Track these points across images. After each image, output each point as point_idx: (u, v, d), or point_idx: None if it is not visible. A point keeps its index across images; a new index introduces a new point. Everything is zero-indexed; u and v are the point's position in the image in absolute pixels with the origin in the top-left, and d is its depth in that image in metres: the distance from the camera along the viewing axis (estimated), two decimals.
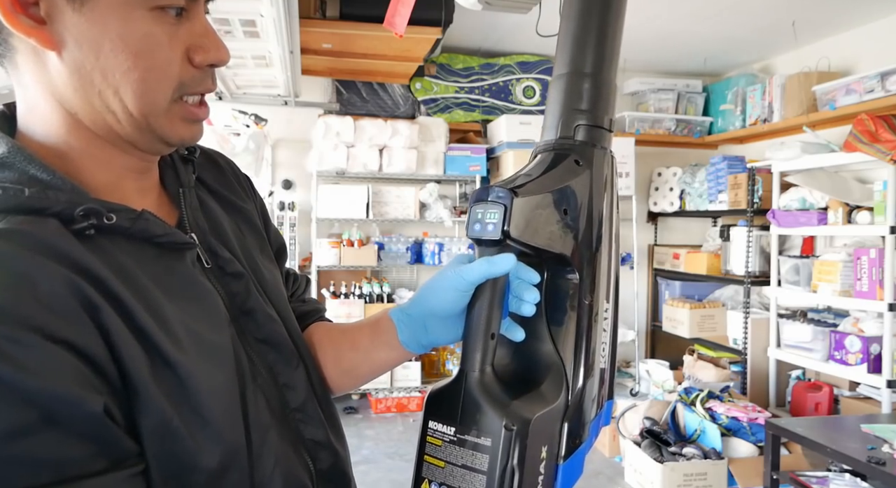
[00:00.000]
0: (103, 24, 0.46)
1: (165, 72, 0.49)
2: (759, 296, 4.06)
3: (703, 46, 4.15)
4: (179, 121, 0.52)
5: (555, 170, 0.62)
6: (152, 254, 0.51)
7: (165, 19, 0.48)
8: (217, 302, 0.55)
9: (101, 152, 0.52)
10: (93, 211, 0.46)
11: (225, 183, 0.67)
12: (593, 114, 0.62)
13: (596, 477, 2.90)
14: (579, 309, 0.61)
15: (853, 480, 2.27)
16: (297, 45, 2.64)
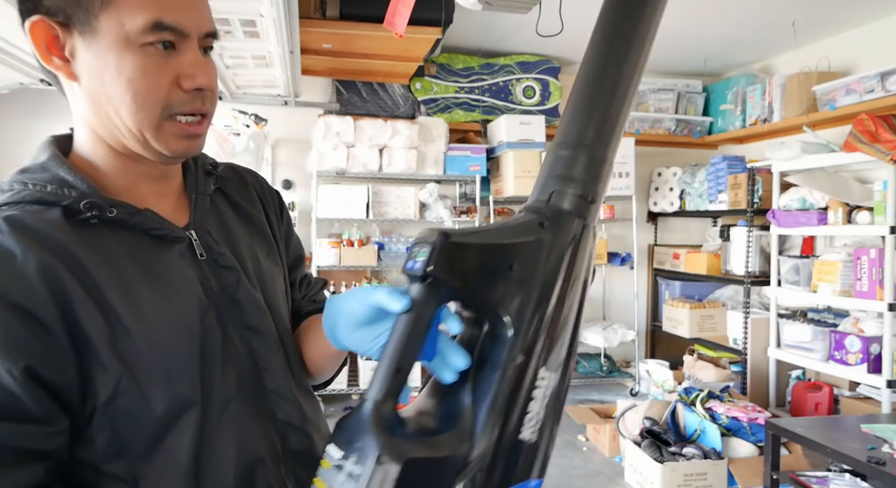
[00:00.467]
0: (105, 58, 0.58)
1: (153, 95, 0.59)
2: (759, 296, 4.06)
3: (703, 46, 4.15)
4: (172, 136, 0.61)
5: (513, 226, 0.61)
6: (149, 244, 0.63)
7: (154, 52, 0.58)
8: (192, 286, 0.64)
9: (119, 162, 0.64)
10: (96, 205, 0.59)
11: (246, 196, 0.78)
12: (575, 182, 0.61)
13: (596, 477, 2.90)
14: (506, 368, 0.57)
15: (853, 480, 2.27)
16: (297, 45, 2.64)
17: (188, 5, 0.60)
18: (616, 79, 0.63)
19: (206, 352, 0.63)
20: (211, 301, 0.65)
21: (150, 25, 0.57)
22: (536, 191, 0.64)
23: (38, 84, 3.09)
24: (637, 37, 0.64)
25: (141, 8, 0.57)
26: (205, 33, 0.62)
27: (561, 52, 4.30)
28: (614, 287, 4.81)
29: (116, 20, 0.57)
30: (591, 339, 4.27)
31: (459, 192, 4.46)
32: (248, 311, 0.68)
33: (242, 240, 0.73)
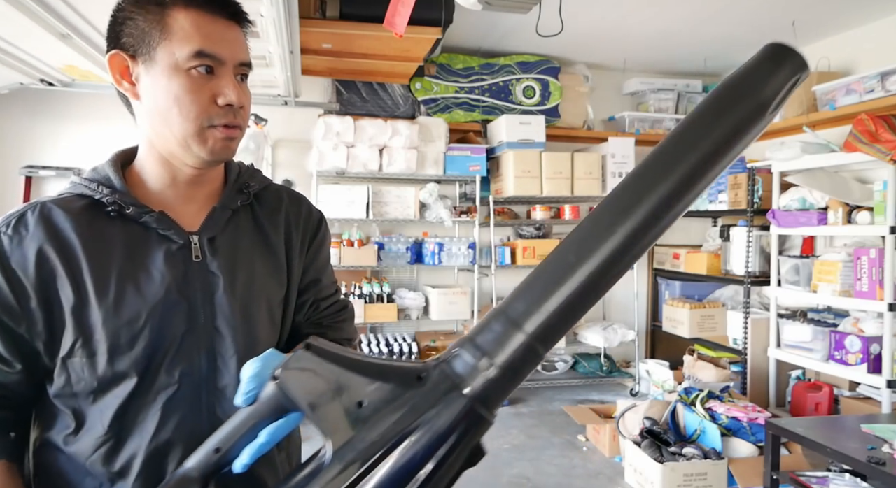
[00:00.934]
0: (159, 81, 0.73)
1: (194, 108, 0.74)
2: (759, 296, 4.06)
3: (703, 46, 4.15)
4: (212, 140, 0.76)
5: (392, 366, 0.58)
6: (152, 239, 0.77)
7: (196, 75, 0.73)
8: (169, 281, 0.75)
9: (160, 168, 0.79)
10: (117, 202, 0.75)
11: (272, 218, 0.89)
12: (491, 363, 0.54)
13: (596, 477, 2.90)
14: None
15: (853, 480, 2.27)
16: (297, 45, 2.64)
17: (225, 39, 0.75)
18: (594, 282, 0.57)
19: (158, 339, 0.73)
20: (184, 297, 0.76)
21: (194, 53, 0.72)
22: (452, 346, 0.59)
23: (38, 84, 3.09)
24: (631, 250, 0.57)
25: (188, 40, 0.72)
26: (239, 62, 0.77)
27: (561, 52, 4.30)
28: (614, 287, 4.79)
29: (169, 50, 0.73)
30: (591, 339, 4.27)
31: (459, 192, 4.46)
32: (220, 314, 0.77)
33: (247, 254, 0.83)
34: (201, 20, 0.73)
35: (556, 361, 4.51)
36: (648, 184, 0.56)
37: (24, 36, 2.25)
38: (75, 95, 3.62)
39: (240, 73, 0.78)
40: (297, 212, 0.92)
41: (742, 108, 0.56)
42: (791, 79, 0.56)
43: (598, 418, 3.36)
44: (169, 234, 0.77)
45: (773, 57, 0.57)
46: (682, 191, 0.55)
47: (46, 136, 3.79)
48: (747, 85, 0.57)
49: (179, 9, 0.73)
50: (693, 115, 0.57)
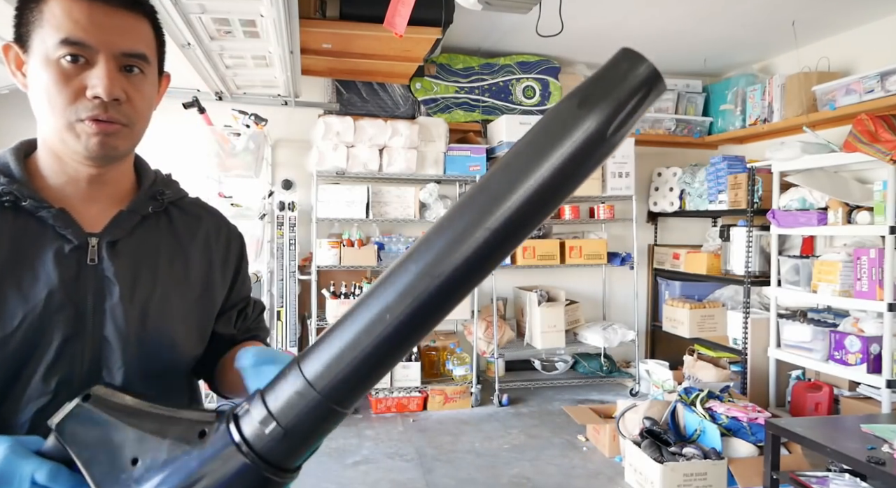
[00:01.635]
0: (34, 72, 0.70)
1: (61, 101, 0.69)
2: (759, 296, 4.06)
3: (703, 46, 4.15)
4: (85, 135, 0.70)
5: (171, 421, 0.56)
6: (49, 236, 0.71)
7: (64, 67, 0.68)
8: (47, 281, 0.69)
9: (55, 164, 0.75)
10: (13, 193, 0.70)
11: (190, 230, 0.85)
12: (277, 426, 0.51)
13: (596, 477, 2.90)
14: None
15: (853, 480, 2.27)
16: (297, 45, 2.64)
17: (102, 26, 0.69)
18: (397, 341, 0.50)
19: (33, 343, 0.68)
20: (71, 301, 0.70)
21: (59, 41, 0.67)
22: (247, 400, 0.54)
23: None
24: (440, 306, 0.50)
25: (57, 28, 0.68)
26: (120, 52, 0.70)
27: (561, 52, 4.30)
28: (614, 287, 4.81)
29: (41, 39, 0.68)
30: (591, 339, 4.27)
31: (459, 192, 4.46)
32: (110, 322, 0.72)
33: (154, 262, 0.78)
34: (75, 6, 0.68)
35: (556, 361, 4.51)
36: (463, 234, 0.48)
37: None
38: None
39: (126, 64, 0.71)
40: (217, 227, 0.89)
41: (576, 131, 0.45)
42: (640, 91, 0.45)
43: (598, 418, 3.36)
44: (66, 233, 0.72)
45: (622, 62, 0.46)
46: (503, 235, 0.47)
47: None
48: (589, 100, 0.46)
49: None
50: (524, 142, 0.48)
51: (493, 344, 4.08)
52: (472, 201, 0.49)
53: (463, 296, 0.51)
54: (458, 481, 2.85)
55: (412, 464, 3.04)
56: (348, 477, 2.88)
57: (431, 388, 3.92)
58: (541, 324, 4.10)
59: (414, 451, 3.21)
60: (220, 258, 0.88)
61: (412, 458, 3.12)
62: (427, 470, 2.96)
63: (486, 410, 3.92)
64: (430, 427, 3.60)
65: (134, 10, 0.72)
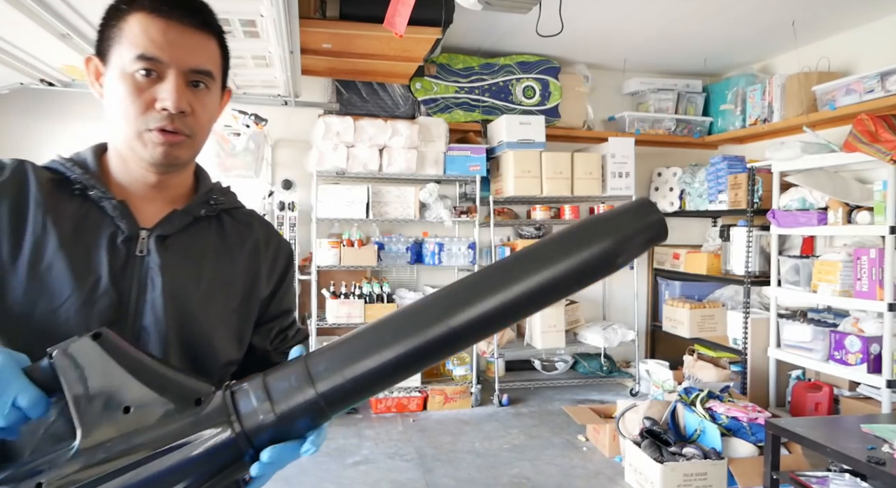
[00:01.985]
0: (111, 85, 0.76)
1: (133, 111, 0.74)
2: (759, 296, 4.06)
3: (703, 46, 4.15)
4: (151, 143, 0.76)
5: (170, 381, 0.58)
6: (106, 224, 0.76)
7: (138, 80, 0.74)
8: (97, 265, 0.74)
9: (121, 166, 0.81)
10: (82, 183, 0.77)
11: (240, 236, 0.88)
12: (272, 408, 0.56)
13: (596, 477, 2.90)
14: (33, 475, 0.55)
15: (853, 480, 2.27)
16: (297, 45, 2.64)
17: (175, 44, 0.74)
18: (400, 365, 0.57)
19: (75, 322, 0.70)
20: (116, 288, 0.74)
21: (136, 57, 0.73)
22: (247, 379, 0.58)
23: (37, 84, 3.09)
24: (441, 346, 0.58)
25: (134, 44, 0.73)
26: (189, 68, 0.76)
27: (561, 52, 4.30)
28: (614, 287, 4.81)
29: (119, 53, 0.74)
30: (591, 339, 4.27)
31: (459, 192, 4.46)
32: (149, 314, 0.75)
33: (201, 262, 0.82)
34: (152, 25, 0.74)
35: (556, 361, 4.51)
36: (487, 288, 0.58)
37: (24, 36, 2.25)
38: (75, 95, 3.62)
39: (193, 79, 0.77)
40: (267, 237, 0.92)
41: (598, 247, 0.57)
42: (647, 238, 0.58)
43: (598, 418, 3.36)
44: (121, 224, 0.76)
45: (639, 212, 0.59)
46: (515, 306, 0.57)
47: (46, 136, 3.79)
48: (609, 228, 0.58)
49: (136, 14, 0.74)
50: (552, 239, 0.60)
51: (493, 344, 4.08)
52: (496, 272, 0.59)
53: (463, 348, 0.59)
54: (458, 481, 2.85)
55: (412, 464, 3.04)
56: (348, 477, 2.88)
57: (431, 388, 3.92)
58: (541, 324, 4.10)
59: (414, 451, 3.21)
60: (267, 267, 0.90)
61: (412, 458, 3.12)
62: (427, 470, 2.96)
63: (486, 410, 3.92)
64: (430, 427, 3.60)
65: (204, 29, 0.78)
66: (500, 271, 0.59)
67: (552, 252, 0.58)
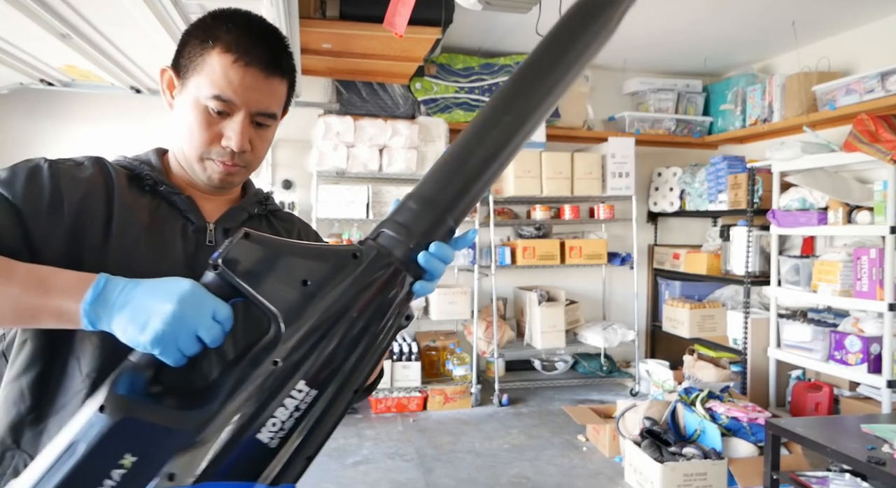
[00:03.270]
0: (183, 105, 0.82)
1: (196, 141, 0.82)
2: (759, 296, 4.06)
3: (703, 46, 4.15)
4: (211, 170, 0.84)
5: (326, 248, 0.66)
6: (177, 217, 0.84)
7: (209, 114, 0.81)
8: (174, 252, 0.81)
9: (182, 170, 0.87)
10: (154, 178, 0.84)
11: (287, 233, 0.98)
12: (412, 235, 0.65)
13: (596, 477, 2.90)
14: (260, 363, 0.60)
15: (853, 480, 2.27)
16: (297, 45, 2.65)
17: (249, 88, 0.80)
18: (491, 157, 0.68)
19: None
20: (190, 275, 0.78)
21: (212, 95, 0.79)
22: (375, 229, 0.68)
23: (37, 84, 3.09)
24: (523, 129, 0.71)
25: (212, 83, 0.79)
26: (256, 111, 0.82)
27: None
28: (614, 287, 4.81)
29: (197, 84, 0.80)
30: (591, 339, 4.27)
31: None
32: None
33: None
34: (231, 67, 0.79)
35: (556, 361, 4.51)
36: (527, 82, 0.71)
37: (24, 36, 2.25)
38: (75, 95, 3.62)
39: (257, 120, 0.83)
40: (307, 232, 1.03)
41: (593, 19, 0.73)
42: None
43: (598, 418, 3.36)
44: (190, 216, 0.84)
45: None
46: (553, 86, 0.71)
47: (46, 136, 3.79)
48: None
49: (218, 51, 0.79)
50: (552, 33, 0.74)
51: (493, 344, 4.08)
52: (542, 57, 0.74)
53: (537, 119, 0.73)
54: (458, 481, 2.85)
55: (412, 464, 3.04)
56: (348, 477, 2.88)
57: (431, 388, 3.92)
58: (541, 324, 4.10)
59: (414, 451, 3.21)
60: None
61: (412, 458, 3.12)
62: (427, 470, 2.96)
63: (486, 410, 3.92)
64: (430, 427, 3.60)
65: (280, 76, 0.84)
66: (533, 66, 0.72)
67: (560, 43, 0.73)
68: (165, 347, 0.61)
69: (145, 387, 0.60)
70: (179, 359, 0.62)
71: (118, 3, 1.86)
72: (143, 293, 0.63)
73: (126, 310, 0.62)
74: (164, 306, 0.61)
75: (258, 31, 0.81)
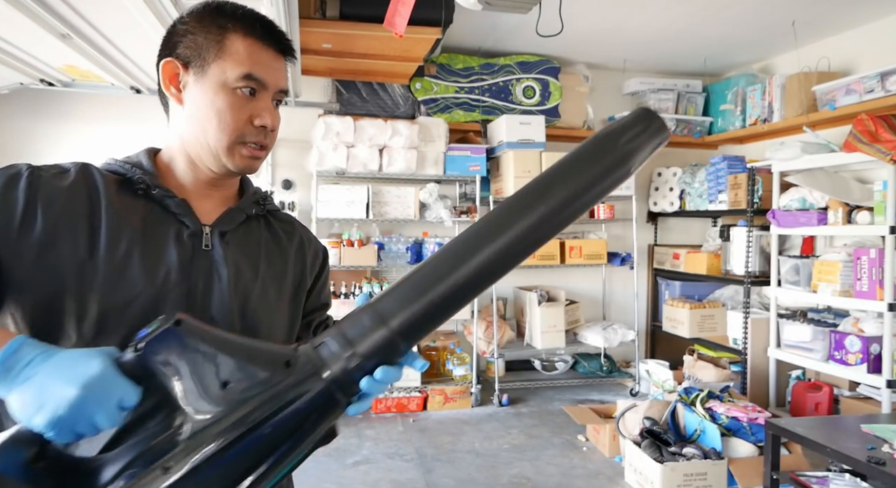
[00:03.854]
0: (205, 94, 0.81)
1: (232, 124, 0.81)
2: (759, 296, 4.06)
3: (703, 46, 4.15)
4: (239, 155, 0.83)
5: (261, 349, 0.62)
6: (171, 221, 0.81)
7: (239, 96, 0.81)
8: (168, 258, 0.78)
9: (185, 166, 0.86)
10: (146, 182, 0.81)
11: (288, 233, 0.96)
12: (348, 343, 0.61)
13: (596, 477, 2.90)
14: (152, 461, 0.56)
15: (853, 480, 2.27)
16: (297, 45, 2.64)
17: (272, 67, 0.83)
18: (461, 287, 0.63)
19: (149, 312, 0.73)
20: (185, 280, 0.78)
21: (243, 75, 0.80)
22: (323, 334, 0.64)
23: (38, 84, 3.09)
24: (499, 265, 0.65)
25: (241, 63, 0.80)
26: (278, 89, 0.84)
27: (561, 52, 4.30)
28: (614, 287, 4.81)
29: (222, 68, 0.80)
30: (591, 339, 4.27)
31: (459, 192, 4.46)
32: (217, 304, 0.80)
33: (255, 256, 0.88)
34: (254, 48, 0.81)
35: (556, 361, 4.51)
36: (522, 209, 0.65)
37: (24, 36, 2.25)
38: (75, 95, 3.62)
39: (277, 98, 0.86)
40: (308, 237, 1.01)
41: (611, 156, 0.67)
42: (654, 140, 0.69)
43: (598, 418, 3.36)
44: (185, 220, 0.82)
45: (642, 119, 0.69)
46: (549, 219, 0.65)
47: (46, 136, 3.79)
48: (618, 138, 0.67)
49: (238, 35, 0.81)
50: (567, 158, 0.69)
51: (493, 344, 4.08)
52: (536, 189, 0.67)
53: (514, 262, 0.66)
54: (458, 481, 2.85)
55: (412, 464, 3.04)
56: (348, 477, 2.88)
57: (431, 388, 3.92)
58: (541, 324, 4.10)
59: (414, 451, 3.21)
60: (311, 262, 0.98)
61: (412, 458, 3.12)
62: (427, 470, 2.96)
63: (486, 410, 3.92)
64: (430, 427, 3.60)
65: (287, 55, 0.87)
66: (533, 191, 0.66)
67: (571, 170, 0.67)
68: (60, 431, 0.57)
69: (26, 463, 0.56)
70: (73, 440, 0.58)
71: (118, 3, 1.85)
72: (49, 371, 0.58)
73: (27, 386, 0.57)
74: (67, 390, 0.56)
75: (260, 16, 0.84)
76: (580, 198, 0.66)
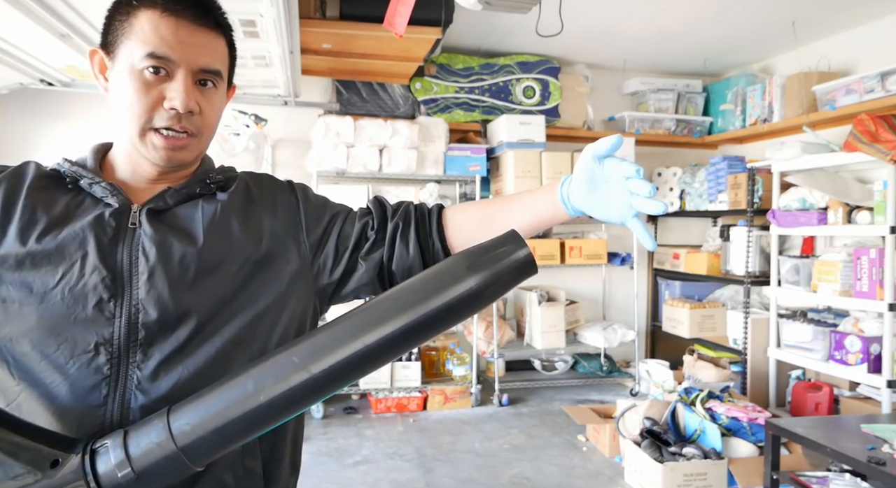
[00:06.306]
0: (118, 78, 0.76)
1: (139, 108, 0.75)
2: (759, 296, 4.06)
3: (703, 46, 4.15)
4: (153, 145, 0.77)
5: (27, 445, 0.58)
6: (99, 205, 0.76)
7: (147, 77, 0.74)
8: (85, 239, 0.73)
9: (125, 161, 0.81)
10: (73, 175, 0.78)
11: (247, 200, 0.85)
12: (128, 457, 0.56)
13: (596, 477, 2.90)
14: None
15: (853, 480, 2.27)
16: (297, 45, 2.64)
17: (185, 43, 0.75)
18: (261, 416, 0.58)
19: (67, 301, 0.70)
20: (106, 263, 0.73)
21: (146, 54, 0.73)
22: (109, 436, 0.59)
23: (37, 84, 3.09)
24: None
25: (144, 42, 0.73)
26: (198, 68, 0.76)
27: (561, 52, 4.30)
28: (614, 287, 4.81)
29: (128, 50, 0.74)
30: (591, 339, 4.27)
31: (459, 192, 4.46)
32: (143, 286, 0.73)
33: (195, 235, 0.78)
34: (163, 22, 0.73)
35: (556, 361, 4.51)
36: (352, 333, 0.59)
37: (24, 36, 2.25)
38: (75, 95, 3.62)
39: (201, 78, 0.77)
40: (273, 184, 0.90)
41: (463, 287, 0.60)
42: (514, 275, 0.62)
43: (598, 418, 3.36)
44: (111, 202, 0.76)
45: (506, 245, 0.63)
46: (381, 349, 0.59)
47: (46, 136, 3.79)
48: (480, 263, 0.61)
49: (146, 10, 0.74)
50: (418, 280, 0.63)
51: (493, 344, 4.08)
52: (360, 316, 0.60)
53: (330, 392, 0.60)
54: (458, 481, 2.85)
55: (412, 464, 3.04)
56: (348, 477, 2.88)
57: (431, 388, 3.92)
58: (541, 324, 4.10)
59: (414, 451, 3.21)
60: (284, 207, 0.86)
61: (412, 458, 3.12)
62: (427, 470, 2.96)
63: (486, 410, 3.92)
64: (430, 427, 3.60)
65: (215, 28, 0.78)
66: (367, 314, 0.60)
67: (418, 294, 0.60)
68: None
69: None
70: None
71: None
72: None
73: None
74: None
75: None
76: (419, 327, 0.60)
